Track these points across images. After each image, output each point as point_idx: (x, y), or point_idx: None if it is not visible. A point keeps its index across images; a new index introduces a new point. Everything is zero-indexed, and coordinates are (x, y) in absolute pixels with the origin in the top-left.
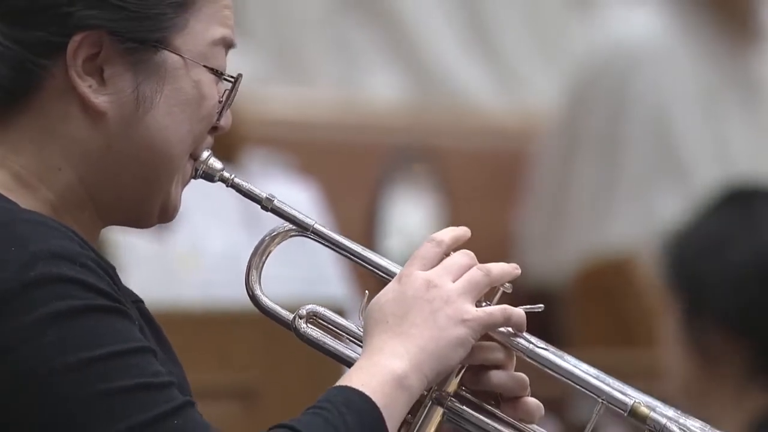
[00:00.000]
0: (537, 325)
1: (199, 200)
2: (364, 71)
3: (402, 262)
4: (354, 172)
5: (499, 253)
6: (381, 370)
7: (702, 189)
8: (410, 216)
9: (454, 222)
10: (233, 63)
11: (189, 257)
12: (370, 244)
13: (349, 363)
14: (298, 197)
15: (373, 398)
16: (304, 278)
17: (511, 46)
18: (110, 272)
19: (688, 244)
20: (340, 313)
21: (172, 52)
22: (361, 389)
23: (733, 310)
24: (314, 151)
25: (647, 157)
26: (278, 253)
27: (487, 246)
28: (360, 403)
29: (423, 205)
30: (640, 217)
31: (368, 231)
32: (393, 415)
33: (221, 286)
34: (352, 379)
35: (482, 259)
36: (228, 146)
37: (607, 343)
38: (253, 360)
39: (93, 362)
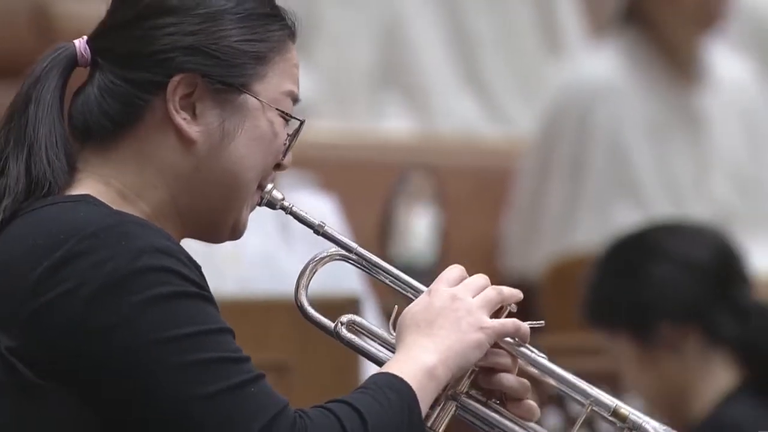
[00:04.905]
0: (520, 310)
1: None
2: (381, 105)
3: (408, 261)
4: (368, 186)
5: (486, 253)
6: (415, 362)
7: (650, 204)
8: (414, 223)
9: (450, 228)
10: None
11: (231, 256)
12: (381, 246)
13: (379, 362)
14: (322, 208)
15: (410, 383)
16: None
17: (498, 86)
18: (198, 268)
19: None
20: (357, 302)
21: (252, 95)
22: (399, 374)
23: (675, 303)
24: (334, 170)
25: (605, 177)
26: (305, 254)
27: (476, 247)
28: (399, 385)
29: (424, 214)
30: (599, 225)
31: (379, 235)
32: (423, 399)
33: (258, 280)
34: (391, 367)
35: (472, 257)
36: None
37: (573, 326)
38: (285, 341)
39: (185, 337)
